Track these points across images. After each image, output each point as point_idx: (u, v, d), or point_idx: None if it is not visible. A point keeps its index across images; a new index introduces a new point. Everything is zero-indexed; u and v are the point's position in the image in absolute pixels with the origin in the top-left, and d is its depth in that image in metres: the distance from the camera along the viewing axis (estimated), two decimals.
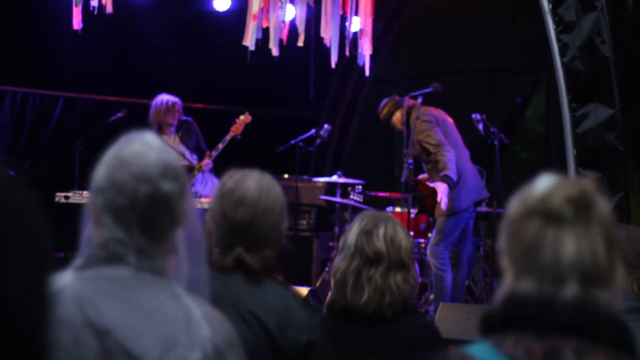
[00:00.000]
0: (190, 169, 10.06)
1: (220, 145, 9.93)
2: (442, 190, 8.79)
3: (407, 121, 9.16)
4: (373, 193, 11.02)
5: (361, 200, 10.64)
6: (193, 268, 2.45)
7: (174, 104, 10.16)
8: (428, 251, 9.05)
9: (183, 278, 2.40)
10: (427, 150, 8.97)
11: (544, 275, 1.97)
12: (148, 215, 2.32)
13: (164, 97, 10.16)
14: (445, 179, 8.78)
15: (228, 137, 9.95)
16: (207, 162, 9.93)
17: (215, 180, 9.87)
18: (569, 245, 1.96)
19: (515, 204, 2.06)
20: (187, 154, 10.18)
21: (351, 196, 10.64)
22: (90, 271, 2.33)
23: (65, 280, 2.33)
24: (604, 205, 2.03)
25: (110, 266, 2.32)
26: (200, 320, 2.27)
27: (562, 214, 1.98)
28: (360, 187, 10.67)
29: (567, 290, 1.94)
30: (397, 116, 9.36)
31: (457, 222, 8.95)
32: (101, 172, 2.36)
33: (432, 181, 9.05)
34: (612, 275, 2.00)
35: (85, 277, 2.33)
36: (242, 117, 10.08)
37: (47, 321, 1.61)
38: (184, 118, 10.29)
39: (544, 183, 2.03)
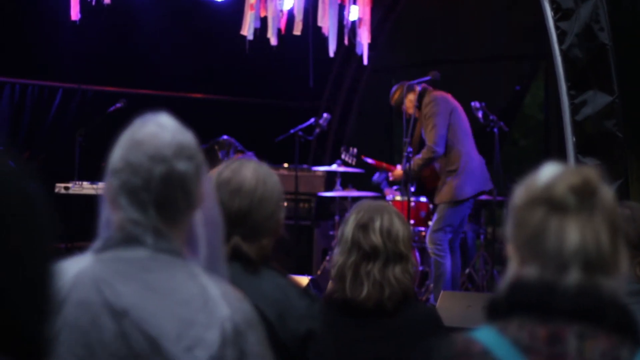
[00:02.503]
0: None
1: None
2: (397, 175, 9.25)
3: (419, 105, 9.16)
4: (370, 160, 10.82)
5: (353, 163, 10.53)
6: (211, 249, 2.44)
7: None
8: (427, 238, 9.07)
9: (202, 259, 2.40)
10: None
11: (547, 262, 1.99)
12: (163, 195, 2.31)
13: None
14: (409, 168, 8.98)
15: None
16: None
17: None
18: (573, 233, 1.98)
19: (520, 192, 2.08)
20: None
21: (342, 156, 10.53)
22: (108, 253, 2.34)
23: (83, 263, 2.35)
24: (607, 194, 2.05)
25: (127, 248, 2.32)
26: (218, 299, 2.26)
27: (566, 203, 2.00)
28: (355, 149, 10.57)
29: (569, 277, 1.96)
30: (410, 98, 9.27)
31: (459, 210, 8.97)
32: (117, 154, 2.35)
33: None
34: (616, 262, 2.02)
35: (103, 259, 2.33)
36: None
37: (49, 316, 1.60)
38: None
39: (548, 172, 2.05)
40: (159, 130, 2.36)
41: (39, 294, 1.58)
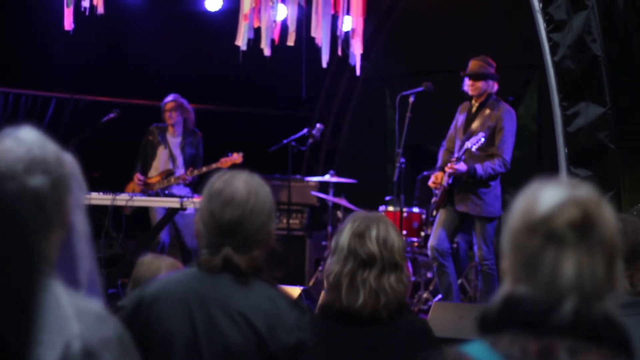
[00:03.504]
0: (169, 173, 10.16)
1: (204, 169, 9.98)
2: (460, 168, 8.52)
3: (472, 107, 8.81)
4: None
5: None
6: (84, 264, 2.36)
7: (164, 104, 10.28)
8: (478, 256, 8.69)
9: (81, 274, 2.32)
10: (494, 142, 8.63)
11: (541, 289, 1.98)
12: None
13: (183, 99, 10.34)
14: (475, 171, 8.49)
15: (214, 166, 9.93)
16: (185, 177, 10.02)
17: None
18: (569, 267, 1.97)
19: (517, 215, 2.05)
20: (180, 159, 10.24)
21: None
22: None
23: None
24: (608, 222, 2.02)
25: None
26: (70, 317, 2.13)
27: (564, 238, 1.98)
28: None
29: (564, 306, 1.95)
30: (487, 86, 8.86)
31: (496, 226, 8.72)
32: None
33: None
34: (612, 286, 2.01)
35: None
36: (235, 155, 9.98)
37: (30, 343, 1.58)
38: (194, 128, 10.38)
39: (548, 199, 2.02)
40: (15, 144, 2.25)
41: (19, 322, 1.56)
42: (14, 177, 2.21)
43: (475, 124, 8.78)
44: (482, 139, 8.54)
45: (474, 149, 8.56)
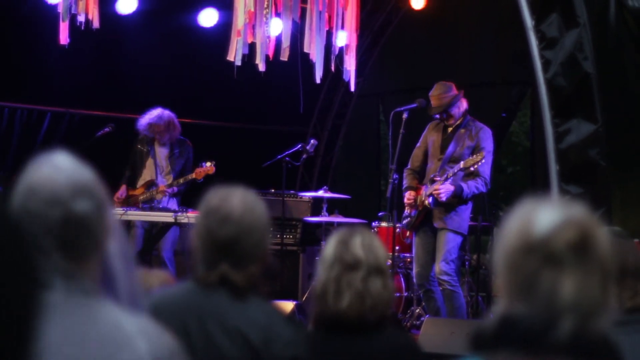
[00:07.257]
0: (151, 184, 10.20)
1: (182, 181, 10.03)
2: (446, 189, 8.55)
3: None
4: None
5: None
6: (128, 282, 2.39)
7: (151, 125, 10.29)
8: (436, 270, 8.66)
9: (120, 293, 2.34)
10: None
11: (538, 308, 1.99)
12: (66, 238, 2.23)
13: (164, 113, 10.26)
14: (461, 191, 8.53)
15: (190, 177, 10.02)
16: (165, 191, 10.04)
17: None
18: (568, 287, 1.98)
19: (513, 235, 2.06)
20: (166, 170, 10.28)
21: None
22: None
23: None
24: (604, 244, 2.04)
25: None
26: (135, 335, 2.19)
27: (563, 259, 1.99)
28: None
29: (562, 326, 1.97)
30: (458, 108, 8.83)
31: (461, 240, 8.77)
32: (16, 201, 2.26)
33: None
34: (606, 305, 2.03)
35: None
36: (208, 164, 10.05)
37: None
38: (182, 137, 10.39)
39: (545, 220, 2.03)
40: (54, 172, 2.28)
41: (16, 345, 1.57)
42: (60, 203, 2.24)
43: (453, 145, 8.80)
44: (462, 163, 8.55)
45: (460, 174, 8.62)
